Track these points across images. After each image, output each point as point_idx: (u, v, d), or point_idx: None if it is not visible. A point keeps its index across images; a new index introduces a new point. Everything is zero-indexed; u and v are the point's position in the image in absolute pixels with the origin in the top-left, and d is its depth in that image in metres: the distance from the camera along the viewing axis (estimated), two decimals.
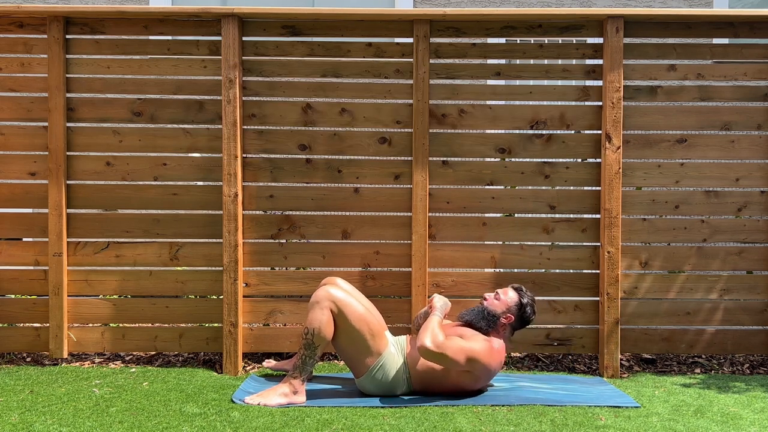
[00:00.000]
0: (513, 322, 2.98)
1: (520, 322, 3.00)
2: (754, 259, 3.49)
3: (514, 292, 3.01)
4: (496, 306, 2.97)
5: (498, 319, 2.95)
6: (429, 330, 2.83)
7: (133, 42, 3.45)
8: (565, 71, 3.45)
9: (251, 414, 2.67)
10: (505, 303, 2.97)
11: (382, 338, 2.92)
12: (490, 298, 3.01)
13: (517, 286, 3.04)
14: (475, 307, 3.02)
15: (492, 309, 2.96)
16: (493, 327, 2.95)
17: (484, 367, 2.84)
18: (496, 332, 2.96)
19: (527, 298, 3.00)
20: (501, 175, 3.47)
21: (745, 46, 3.47)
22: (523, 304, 2.98)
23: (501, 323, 2.95)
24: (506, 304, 2.97)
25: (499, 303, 2.97)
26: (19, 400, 2.82)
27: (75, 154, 3.43)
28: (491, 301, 2.99)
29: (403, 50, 3.43)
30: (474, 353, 2.81)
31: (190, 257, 3.45)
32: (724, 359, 3.64)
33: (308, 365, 2.86)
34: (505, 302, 2.97)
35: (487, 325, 2.94)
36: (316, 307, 2.84)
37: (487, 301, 3.00)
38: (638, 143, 3.46)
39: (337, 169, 3.46)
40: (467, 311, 3.02)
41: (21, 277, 3.46)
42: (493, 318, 2.95)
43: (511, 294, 3.00)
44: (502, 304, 2.97)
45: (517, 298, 2.99)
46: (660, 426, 2.60)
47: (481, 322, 2.94)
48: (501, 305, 2.97)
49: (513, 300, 2.98)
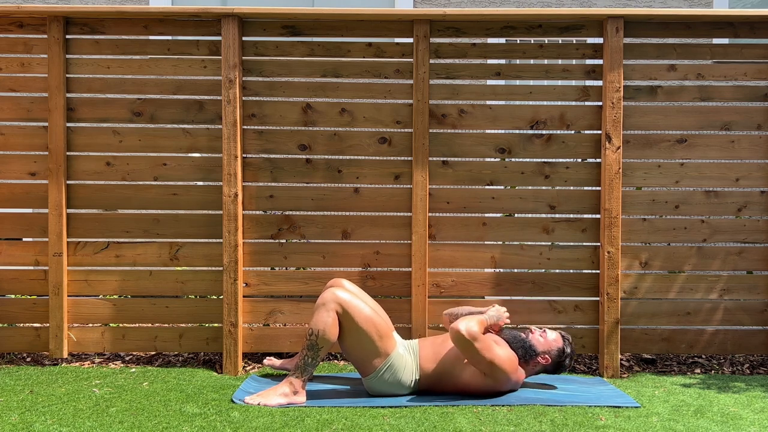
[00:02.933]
0: (548, 365, 2.99)
1: (554, 367, 3.00)
2: (754, 259, 3.49)
3: (561, 338, 3.01)
4: (539, 344, 2.97)
5: (536, 356, 2.95)
6: (470, 319, 2.83)
7: (133, 42, 3.45)
8: (565, 71, 3.45)
9: (251, 414, 2.67)
10: (549, 344, 2.98)
11: (389, 339, 2.91)
12: (536, 332, 3.01)
13: (565, 335, 3.04)
14: (518, 334, 3.00)
15: (534, 344, 2.96)
16: (527, 360, 2.96)
17: (503, 378, 2.85)
18: (526, 365, 2.97)
19: (570, 348, 3.00)
20: (501, 175, 3.47)
21: (745, 46, 3.47)
22: (565, 354, 2.99)
23: (536, 361, 2.96)
24: (549, 346, 2.97)
25: (543, 342, 2.97)
26: (19, 400, 2.82)
27: (75, 154, 3.43)
28: (535, 336, 2.99)
29: (403, 50, 3.43)
30: (500, 359, 2.81)
31: (190, 257, 3.45)
32: (724, 359, 3.64)
33: (310, 366, 2.86)
34: (549, 344, 2.98)
35: (524, 355, 2.94)
36: (322, 308, 2.84)
37: (532, 334, 3.00)
38: (638, 143, 3.46)
39: (337, 169, 3.46)
40: (509, 333, 3.00)
41: (21, 277, 3.46)
42: (532, 352, 2.95)
43: (556, 338, 3.00)
44: (546, 345, 2.97)
45: (562, 345, 2.99)
46: (660, 426, 2.60)
47: (519, 350, 2.94)
48: (544, 345, 2.97)
49: (557, 345, 2.98)
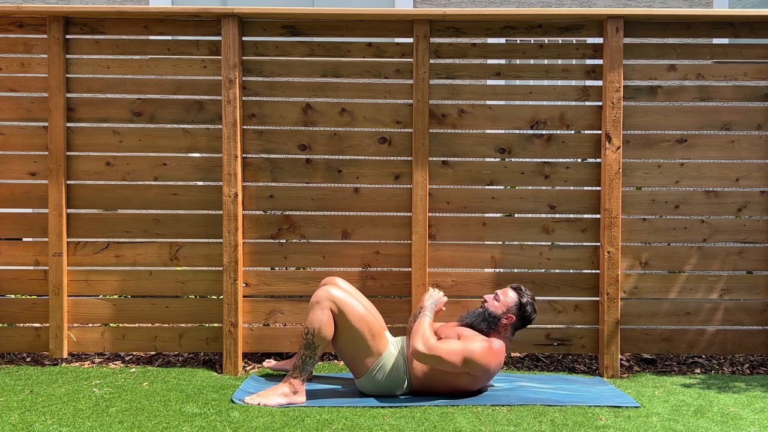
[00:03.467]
0: (514, 323, 2.97)
1: (522, 321, 2.99)
2: (754, 259, 3.49)
3: (514, 292, 3.00)
4: (496, 307, 2.96)
5: (499, 320, 2.95)
6: (420, 333, 2.83)
7: (133, 42, 3.45)
8: (565, 71, 3.45)
9: (251, 414, 2.67)
10: (505, 304, 2.97)
11: (382, 338, 2.91)
12: (490, 299, 3.00)
13: (516, 286, 3.03)
14: (475, 310, 3.02)
15: (492, 310, 2.96)
16: (494, 328, 2.95)
17: (482, 367, 2.84)
18: (497, 333, 2.96)
19: (527, 297, 2.99)
20: (501, 175, 3.47)
21: (745, 46, 3.47)
22: (523, 304, 2.98)
23: (502, 324, 2.95)
24: (506, 305, 2.97)
25: (499, 304, 2.97)
26: (19, 400, 2.82)
27: (75, 154, 3.43)
28: (491, 303, 2.99)
29: (403, 50, 3.43)
30: (471, 354, 2.81)
31: (190, 257, 3.45)
32: (724, 359, 3.64)
33: (308, 365, 2.86)
34: (505, 303, 2.97)
35: (488, 326, 2.94)
36: (317, 307, 2.84)
37: (487, 303, 2.99)
38: (638, 143, 3.46)
39: (337, 169, 3.46)
40: (468, 314, 3.02)
41: (21, 277, 3.46)
42: (494, 319, 2.95)
43: (510, 294, 3.00)
44: (502, 305, 2.97)
45: (517, 298, 2.98)
46: (660, 426, 2.60)
47: (482, 324, 2.94)
48: (501, 306, 2.96)
49: (513, 300, 2.98)
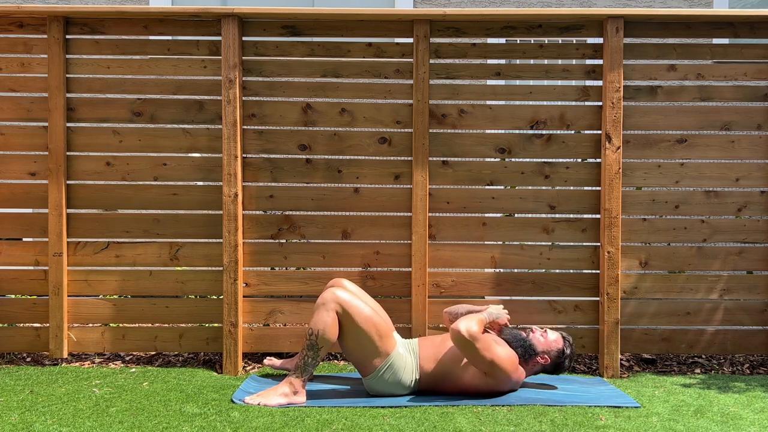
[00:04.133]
0: (547, 365, 2.99)
1: (553, 367, 3.00)
2: (754, 259, 3.49)
3: (561, 339, 3.01)
4: (539, 343, 2.97)
5: (536, 355, 2.96)
6: (470, 319, 2.83)
7: (133, 42, 3.45)
8: (565, 71, 3.45)
9: (251, 414, 2.67)
10: (549, 344, 2.98)
11: (389, 339, 2.92)
12: (537, 331, 3.01)
13: (566, 336, 3.04)
14: (518, 333, 3.01)
15: (534, 343, 2.96)
16: (527, 359, 2.96)
17: (505, 376, 2.85)
18: (525, 364, 2.97)
19: (570, 349, 3.00)
20: (501, 175, 3.47)
21: (745, 46, 3.47)
22: (565, 355, 2.99)
23: (536, 360, 2.97)
24: (549, 346, 2.98)
25: (543, 341, 2.98)
26: (19, 400, 2.82)
27: (75, 154, 3.43)
28: (536, 336, 2.99)
29: (403, 50, 3.43)
30: (501, 359, 2.81)
31: (190, 257, 3.45)
32: (724, 359, 3.64)
33: (310, 366, 2.86)
34: (549, 344, 2.98)
35: (523, 354, 2.94)
36: (322, 308, 2.84)
37: (533, 333, 3.00)
38: (638, 143, 3.46)
39: (337, 169, 3.46)
40: (509, 332, 3.01)
41: (21, 277, 3.46)
42: (532, 352, 2.95)
43: (557, 339, 3.00)
44: (546, 345, 2.97)
45: (562, 346, 2.99)
46: (660, 426, 2.60)
47: (518, 348, 2.94)
48: (544, 345, 2.97)
49: (557, 346, 2.98)
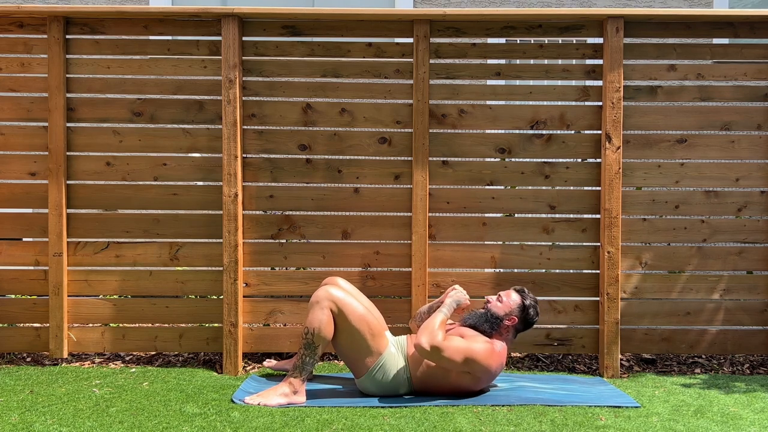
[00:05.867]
0: (516, 324, 2.98)
1: (524, 324, 2.99)
2: (754, 259, 3.49)
3: (517, 294, 3.00)
4: (499, 309, 2.96)
5: (501, 321, 2.95)
6: (428, 329, 2.83)
7: (133, 42, 3.45)
8: (565, 71, 3.45)
9: (251, 414, 2.67)
10: (508, 305, 2.97)
11: (382, 338, 2.92)
12: (493, 300, 3.00)
13: (519, 288, 3.03)
14: (477, 311, 3.01)
15: (495, 311, 2.96)
16: (496, 330, 2.95)
17: (484, 368, 2.84)
18: (500, 335, 2.96)
19: (530, 299, 2.99)
20: (501, 175, 3.47)
21: (745, 46, 3.47)
22: (526, 306, 2.97)
23: (504, 326, 2.95)
24: (509, 307, 2.97)
25: (501, 305, 2.97)
26: (19, 400, 2.82)
27: (75, 154, 3.43)
28: (494, 304, 2.98)
29: (403, 50, 3.43)
30: (473, 354, 2.81)
31: (190, 257, 3.45)
32: (724, 359, 3.64)
33: (308, 365, 2.86)
34: (508, 305, 2.97)
35: (491, 327, 2.94)
36: (316, 306, 2.84)
37: (490, 304, 2.99)
38: (638, 143, 3.46)
39: (337, 169, 3.46)
40: (470, 314, 3.02)
41: (21, 277, 3.46)
42: (497, 320, 2.95)
43: (513, 296, 2.99)
44: (505, 307, 2.97)
45: (520, 300, 2.98)
46: (660, 426, 2.60)
47: (484, 325, 2.94)
48: (504, 308, 2.96)
49: (516, 302, 2.98)
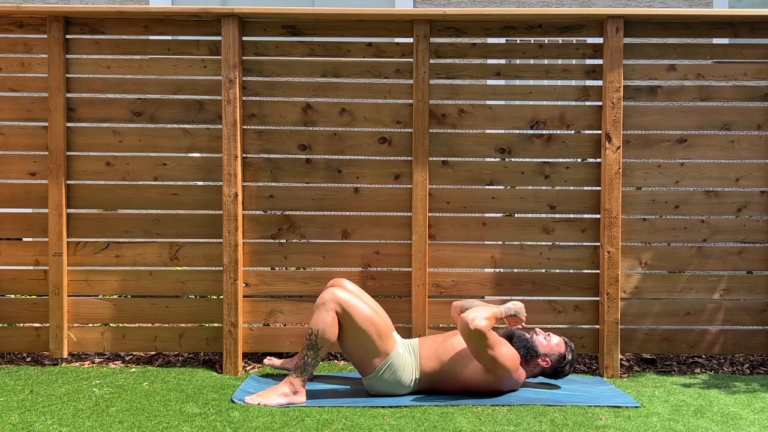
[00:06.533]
0: (547, 368, 3.00)
1: (553, 372, 3.01)
2: (754, 259, 3.49)
3: (564, 344, 3.02)
4: (542, 346, 2.98)
5: (537, 357, 2.97)
6: (483, 312, 2.82)
7: (133, 42, 3.45)
8: (565, 71, 3.45)
9: (251, 414, 2.67)
10: (551, 348, 2.99)
11: (389, 339, 2.92)
12: (541, 334, 3.02)
13: (568, 342, 3.04)
14: (522, 333, 3.02)
15: (536, 345, 2.97)
16: (527, 361, 2.97)
17: (506, 373, 2.85)
18: (526, 365, 2.98)
19: (571, 355, 3.01)
20: (501, 175, 3.47)
21: (745, 46, 3.47)
22: (566, 360, 3.00)
23: (536, 362, 2.98)
24: (551, 350, 2.99)
25: (546, 344, 2.99)
26: (19, 400, 2.82)
27: (75, 154, 3.43)
28: (539, 339, 3.00)
29: (403, 50, 3.43)
30: (503, 356, 2.82)
31: (190, 257, 3.45)
32: (724, 359, 3.64)
33: (310, 366, 2.86)
34: (551, 347, 2.99)
35: (525, 355, 2.96)
36: (322, 308, 2.85)
37: (537, 336, 3.01)
38: (638, 143, 3.46)
39: (337, 169, 3.46)
40: (515, 332, 3.02)
41: (21, 277, 3.46)
42: (534, 353, 2.96)
43: (559, 342, 3.01)
44: (548, 348, 2.99)
45: (564, 351, 3.00)
46: (660, 426, 2.60)
47: (521, 349, 2.96)
48: (546, 348, 2.98)
49: (558, 350, 3.00)
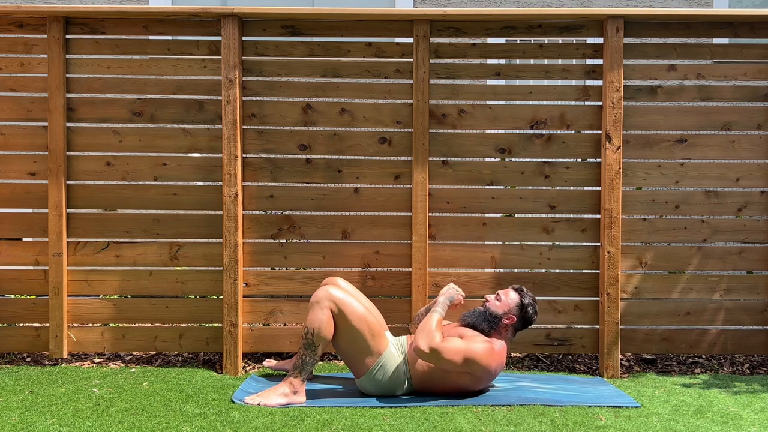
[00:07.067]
0: (515, 323, 2.98)
1: (522, 322, 3.00)
2: (754, 259, 3.49)
3: (515, 292, 3.01)
4: (498, 307, 2.97)
5: (500, 320, 2.95)
6: (425, 331, 2.84)
7: (133, 42, 3.45)
8: (565, 71, 3.45)
9: (251, 414, 2.67)
10: (507, 304, 2.97)
11: (382, 338, 2.92)
12: (491, 299, 3.01)
13: (517, 287, 3.04)
14: (476, 309, 3.02)
15: (494, 310, 2.96)
16: (495, 328, 2.95)
17: (484, 368, 2.84)
18: (498, 333, 2.96)
19: (528, 298, 3.00)
20: (501, 175, 3.47)
21: (745, 46, 3.47)
22: (525, 305, 2.98)
23: (503, 324, 2.96)
24: (507, 305, 2.97)
25: (500, 304, 2.97)
26: (19, 400, 2.82)
27: (75, 154, 3.43)
28: (492, 303, 2.99)
29: (403, 50, 3.43)
30: (472, 354, 2.81)
31: (190, 257, 3.45)
32: (724, 359, 3.64)
33: (308, 365, 2.86)
34: (507, 303, 2.97)
35: (489, 326, 2.94)
36: (316, 306, 2.85)
37: (489, 303, 3.00)
38: (638, 143, 3.46)
39: (337, 169, 3.46)
40: (469, 313, 3.02)
41: (21, 277, 3.46)
42: (495, 319, 2.95)
43: (512, 295, 3.00)
44: (504, 306, 2.97)
45: (518, 298, 2.99)
46: (660, 426, 2.60)
47: (483, 324, 2.95)
48: (502, 306, 2.97)
49: (514, 301, 2.98)
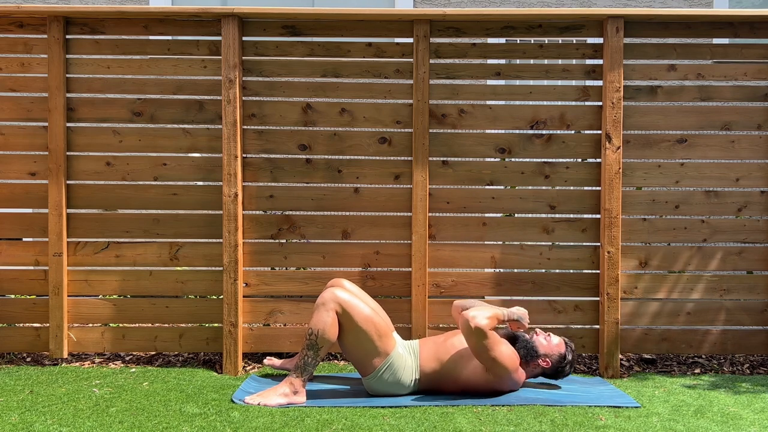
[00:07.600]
0: (547, 369, 3.00)
1: (554, 372, 3.01)
2: (754, 259, 3.49)
3: (564, 344, 3.02)
4: (543, 346, 2.98)
5: (537, 358, 2.97)
6: (484, 312, 2.82)
7: (133, 42, 3.45)
8: (565, 71, 3.45)
9: (251, 414, 2.67)
10: (551, 348, 2.99)
11: (389, 339, 2.92)
12: (541, 335, 3.02)
13: (568, 342, 3.04)
14: (522, 333, 3.01)
15: (536, 346, 2.97)
16: (528, 361, 2.97)
17: (505, 373, 2.85)
18: (527, 366, 2.98)
19: (571, 355, 3.01)
20: (501, 175, 3.47)
21: (745, 46, 3.47)
22: (566, 360, 3.00)
23: (537, 363, 2.98)
24: (551, 350, 2.99)
25: (545, 344, 2.99)
26: (19, 400, 2.82)
27: (75, 154, 3.43)
28: (539, 339, 3.00)
29: (403, 50, 3.43)
30: (503, 356, 2.82)
31: (190, 257, 3.45)
32: (724, 359, 3.64)
33: (310, 366, 2.86)
34: (551, 348, 2.99)
35: (525, 356, 2.96)
36: (322, 308, 2.85)
37: (537, 336, 3.01)
38: (638, 143, 3.46)
39: (337, 169, 3.46)
40: (515, 332, 3.02)
41: (21, 277, 3.46)
42: (534, 354, 2.96)
43: (559, 343, 3.01)
44: (548, 348, 2.98)
45: (564, 351, 3.00)
46: (660, 426, 2.60)
47: (521, 350, 2.96)
48: (546, 348, 2.98)
49: (558, 350, 2.99)
